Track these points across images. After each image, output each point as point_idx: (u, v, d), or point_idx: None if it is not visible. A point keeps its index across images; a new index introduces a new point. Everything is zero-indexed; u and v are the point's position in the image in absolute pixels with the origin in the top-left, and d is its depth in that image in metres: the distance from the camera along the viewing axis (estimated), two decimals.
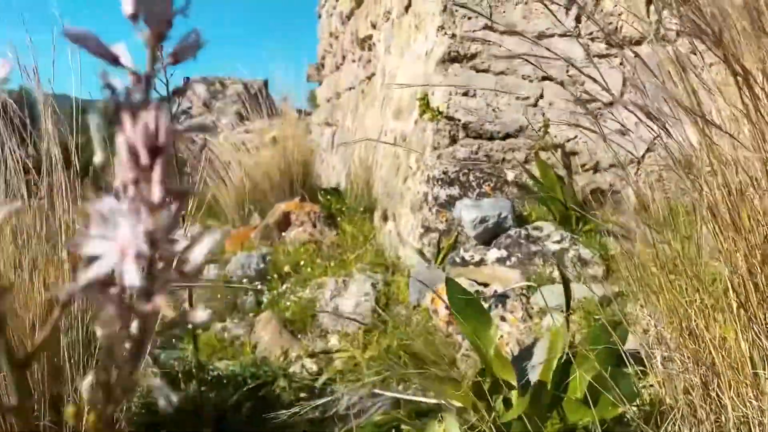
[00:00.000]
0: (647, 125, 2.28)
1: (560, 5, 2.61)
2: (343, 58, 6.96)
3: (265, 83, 16.84)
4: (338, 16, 7.09)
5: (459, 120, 2.59)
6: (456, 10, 2.61)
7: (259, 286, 3.06)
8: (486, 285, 2.11)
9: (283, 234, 3.75)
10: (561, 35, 2.61)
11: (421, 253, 2.53)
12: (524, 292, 2.05)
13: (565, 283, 1.84)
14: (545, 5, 2.20)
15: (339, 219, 3.96)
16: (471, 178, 2.57)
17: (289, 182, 5.10)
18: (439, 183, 2.56)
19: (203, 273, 3.67)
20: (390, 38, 3.98)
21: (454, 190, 2.56)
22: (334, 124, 7.94)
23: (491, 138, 2.60)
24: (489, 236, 2.30)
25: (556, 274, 2.13)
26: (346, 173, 5.21)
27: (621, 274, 2.17)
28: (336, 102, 8.02)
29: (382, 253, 3.12)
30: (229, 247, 4.13)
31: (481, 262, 2.25)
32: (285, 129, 5.72)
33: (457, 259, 2.30)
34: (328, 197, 4.27)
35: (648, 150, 2.56)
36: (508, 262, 2.21)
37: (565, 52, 2.66)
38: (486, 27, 2.61)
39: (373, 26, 4.84)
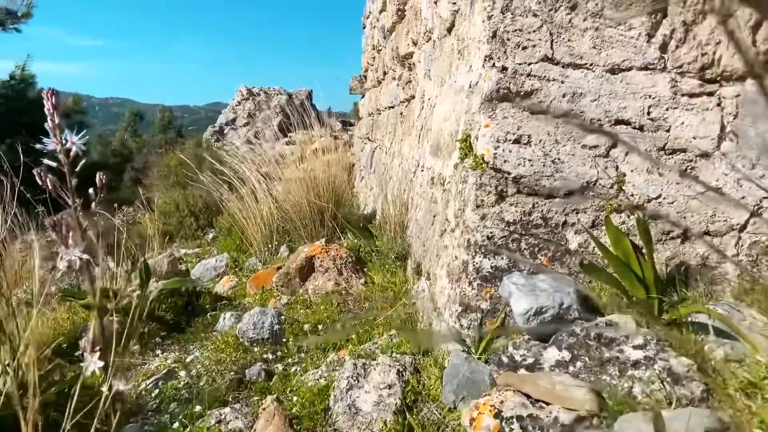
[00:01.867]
0: (754, 182, 1.72)
1: (641, 32, 2.08)
2: (384, 74, 6.54)
3: (310, 94, 16.65)
4: (380, 29, 6.67)
5: (509, 173, 2.09)
6: (508, 38, 2.12)
7: (270, 356, 2.64)
8: (543, 403, 1.61)
9: (306, 282, 3.33)
10: (641, 68, 2.09)
11: (459, 336, 2.05)
12: (595, 421, 1.54)
13: (658, 421, 1.33)
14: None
15: (369, 264, 3.51)
16: (523, 245, 2.07)
17: (319, 212, 4.69)
18: (483, 251, 2.07)
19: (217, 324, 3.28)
20: (430, 61, 3.51)
21: (502, 261, 2.06)
22: (375, 141, 7.54)
23: (550, 196, 2.09)
24: (546, 331, 1.80)
25: (637, 391, 1.61)
26: (382, 201, 4.77)
27: (727, 397, 1.64)
28: (376, 118, 7.61)
29: (414, 319, 2.65)
30: (250, 290, 3.74)
31: (535, 365, 1.75)
32: (315, 160, 5.34)
33: (504, 358, 1.80)
34: (357, 238, 3.83)
35: (753, 214, 2.00)
36: (571, 367, 1.71)
37: (646, 90, 2.14)
38: (545, 58, 2.11)
39: (414, 43, 4.38)
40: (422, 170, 3.38)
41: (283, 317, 2.90)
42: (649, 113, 2.09)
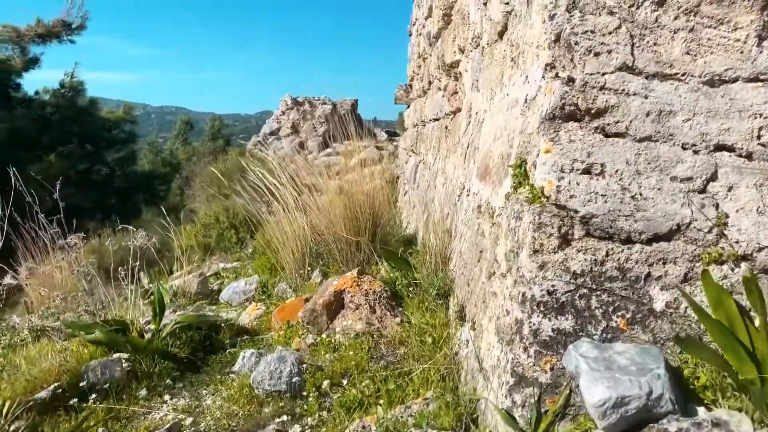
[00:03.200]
0: None
1: (749, 33, 1.63)
2: (429, 83, 6.15)
3: (355, 103, 16.44)
4: (426, 36, 6.30)
5: (575, 210, 1.67)
6: (576, 42, 1.70)
7: (285, 417, 2.27)
8: None
9: (334, 320, 2.96)
10: (750, 80, 1.63)
11: (509, 416, 1.63)
12: None
13: None
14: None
15: (406, 300, 3.11)
16: (593, 303, 1.64)
17: (355, 234, 4.32)
18: (542, 308, 1.65)
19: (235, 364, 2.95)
20: (478, 70, 3.10)
21: (566, 322, 1.63)
22: (419, 154, 7.17)
23: (628, 240, 1.65)
24: (630, 424, 1.36)
25: None
26: (423, 226, 4.37)
27: None
28: (421, 130, 7.24)
29: (456, 377, 2.24)
30: (275, 323, 3.40)
31: None
32: (355, 175, 4.99)
33: None
34: (393, 268, 3.44)
35: None
36: None
37: (756, 107, 1.68)
38: (624, 67, 1.68)
39: (461, 51, 3.98)
40: (468, 195, 2.97)
41: (304, 365, 2.53)
42: (759, 137, 1.63)
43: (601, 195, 1.66)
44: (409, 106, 9.40)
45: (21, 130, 14.39)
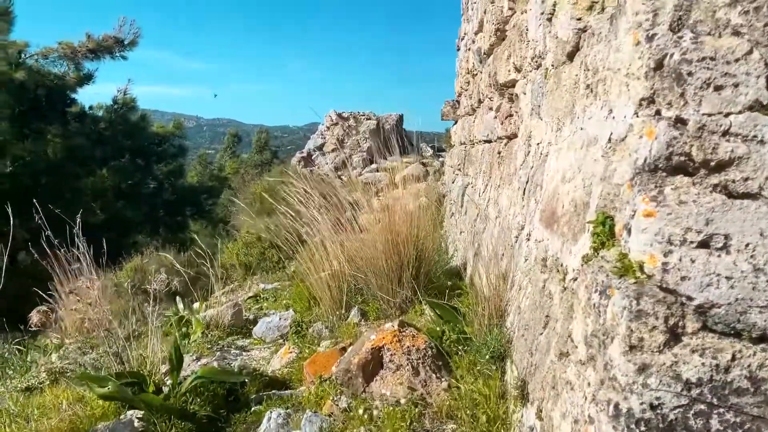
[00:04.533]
0: None
1: None
2: (479, 101, 5.74)
3: (400, 118, 16.12)
4: (476, 52, 5.90)
5: (689, 297, 1.25)
6: (689, 72, 1.29)
7: None
8: None
9: (371, 383, 2.58)
10: None
11: None
12: None
13: None
14: None
15: (455, 357, 2.71)
16: (714, 424, 1.21)
17: (397, 268, 3.95)
18: (642, 427, 1.23)
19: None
20: (540, 95, 2.69)
21: None
22: (467, 176, 6.76)
23: (763, 340, 1.22)
24: None
25: None
26: (473, 258, 3.97)
27: None
28: (469, 150, 6.83)
29: None
30: (307, 376, 3.05)
31: None
32: (396, 193, 4.63)
33: None
34: (440, 318, 3.04)
35: None
36: None
37: None
38: (756, 106, 1.25)
39: (517, 70, 3.57)
40: (528, 239, 2.56)
41: None
42: None
43: (725, 278, 1.23)
44: (456, 123, 9.01)
45: (77, 147, 14.66)
